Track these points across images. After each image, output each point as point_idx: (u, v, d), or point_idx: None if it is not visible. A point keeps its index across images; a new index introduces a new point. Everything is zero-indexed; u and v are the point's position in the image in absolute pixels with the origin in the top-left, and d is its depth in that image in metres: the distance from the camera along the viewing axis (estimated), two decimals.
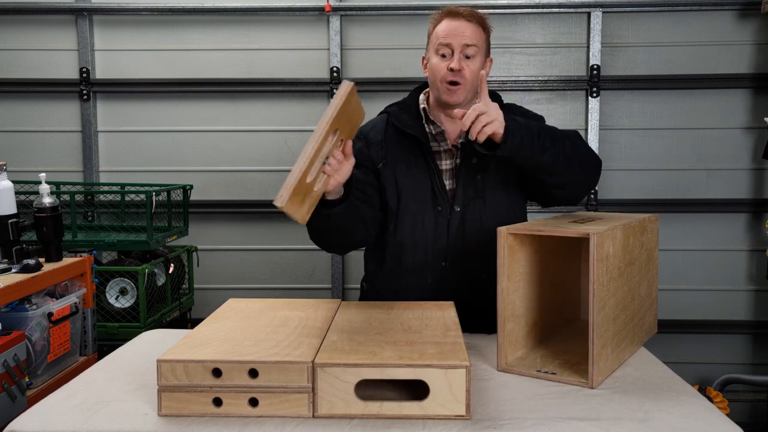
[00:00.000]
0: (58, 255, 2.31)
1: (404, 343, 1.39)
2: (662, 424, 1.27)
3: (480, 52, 1.91)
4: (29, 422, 1.30)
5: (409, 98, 2.06)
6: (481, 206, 1.93)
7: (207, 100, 3.75)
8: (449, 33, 1.87)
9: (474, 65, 1.89)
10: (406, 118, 1.98)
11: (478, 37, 1.89)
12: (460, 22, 1.88)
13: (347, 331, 1.49)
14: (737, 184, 3.64)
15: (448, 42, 1.87)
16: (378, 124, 2.05)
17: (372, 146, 1.99)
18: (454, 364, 1.26)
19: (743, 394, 3.65)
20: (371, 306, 1.74)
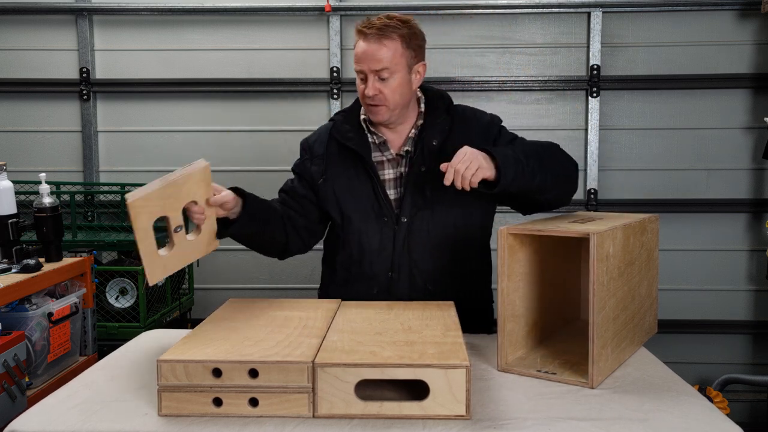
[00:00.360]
0: (58, 255, 2.31)
1: (404, 343, 1.39)
2: (662, 424, 1.27)
3: (397, 69, 1.83)
4: (29, 422, 1.30)
5: (353, 107, 2.04)
6: (429, 216, 1.90)
7: (207, 100, 3.75)
8: (360, 58, 1.83)
9: (392, 84, 1.83)
10: (347, 129, 1.97)
11: (390, 56, 1.80)
12: (369, 45, 1.81)
13: (347, 331, 1.49)
14: (737, 184, 3.64)
15: (360, 68, 1.84)
16: (322, 134, 2.04)
17: (314, 160, 2.00)
18: (454, 364, 1.26)
19: (743, 394, 3.65)
20: (371, 306, 1.74)
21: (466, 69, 3.67)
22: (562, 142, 3.71)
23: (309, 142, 2.06)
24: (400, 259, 1.91)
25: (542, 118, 3.67)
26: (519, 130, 3.70)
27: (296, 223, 1.99)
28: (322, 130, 2.06)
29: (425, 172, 1.89)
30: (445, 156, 1.76)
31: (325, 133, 2.03)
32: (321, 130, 2.07)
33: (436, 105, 1.96)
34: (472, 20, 3.64)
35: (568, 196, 1.95)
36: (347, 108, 2.06)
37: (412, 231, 1.91)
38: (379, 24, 1.82)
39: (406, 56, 1.85)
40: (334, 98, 3.66)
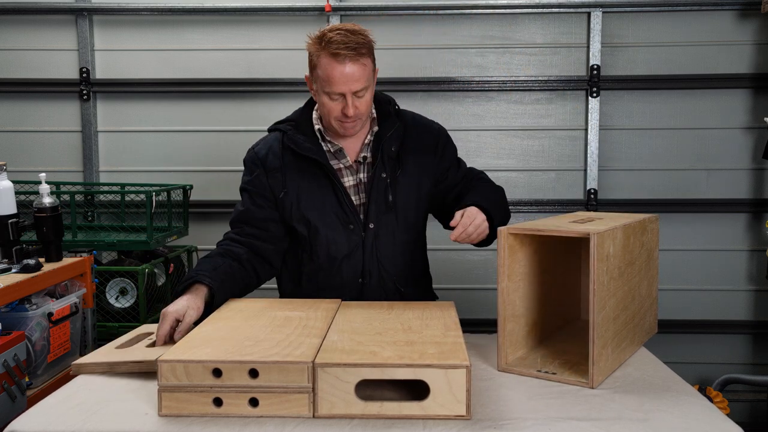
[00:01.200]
0: (58, 255, 2.31)
1: (404, 343, 1.39)
2: (662, 424, 1.27)
3: (370, 83, 1.85)
4: (29, 422, 1.30)
5: (301, 116, 2.00)
6: (394, 221, 1.94)
7: (207, 100, 3.75)
8: (338, 81, 1.78)
9: (367, 97, 1.85)
10: (302, 139, 1.93)
11: (366, 74, 1.81)
12: (346, 66, 1.77)
13: (347, 331, 1.49)
14: (737, 184, 3.64)
15: (339, 91, 1.80)
16: (273, 145, 1.99)
17: (270, 174, 1.96)
18: (454, 364, 1.26)
19: (743, 394, 3.65)
20: (371, 306, 1.74)
21: (466, 69, 3.67)
22: (562, 142, 3.77)
23: (259, 156, 1.99)
24: (370, 265, 1.94)
25: (542, 118, 3.67)
26: (519, 130, 3.75)
27: (264, 254, 1.96)
28: (270, 142, 2.01)
29: (386, 178, 1.93)
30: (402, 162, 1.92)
31: (275, 144, 1.98)
32: (269, 142, 2.01)
33: (387, 110, 1.98)
34: (472, 20, 3.64)
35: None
36: (293, 118, 2.02)
37: (379, 236, 1.94)
38: (351, 43, 1.77)
39: (373, 69, 1.87)
40: None
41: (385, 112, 1.98)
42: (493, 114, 3.68)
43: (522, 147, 3.67)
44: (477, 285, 3.62)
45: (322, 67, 1.80)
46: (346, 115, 1.83)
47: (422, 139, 1.99)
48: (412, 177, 1.95)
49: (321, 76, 1.82)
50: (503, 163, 3.67)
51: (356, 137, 1.96)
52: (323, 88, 1.83)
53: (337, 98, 1.83)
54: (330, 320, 1.57)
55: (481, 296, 3.56)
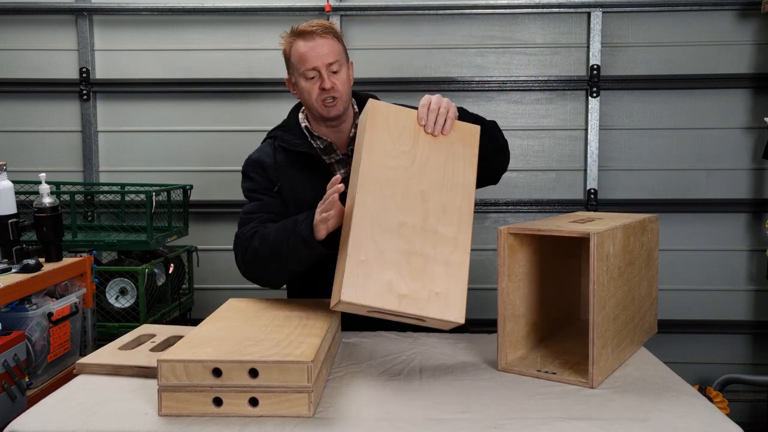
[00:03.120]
0: (58, 255, 2.31)
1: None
2: (662, 424, 1.27)
3: (343, 62, 1.94)
4: (29, 422, 1.30)
5: (289, 119, 2.08)
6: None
7: (207, 100, 3.75)
8: (311, 56, 1.88)
9: (342, 77, 1.93)
10: (291, 138, 2.00)
11: (337, 51, 1.92)
12: (316, 41, 1.89)
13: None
14: (737, 184, 3.64)
15: (313, 65, 1.89)
16: (265, 149, 2.06)
17: (267, 171, 2.01)
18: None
19: (743, 394, 3.65)
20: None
21: (466, 69, 3.67)
22: (562, 142, 3.76)
23: (253, 159, 2.05)
24: None
25: (542, 118, 3.67)
26: (519, 130, 3.74)
27: None
28: (262, 148, 2.07)
29: None
30: None
31: (267, 148, 2.05)
32: (261, 149, 2.07)
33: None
34: (472, 20, 3.64)
35: (504, 165, 2.03)
36: (280, 124, 2.09)
37: None
38: (318, 25, 1.91)
39: (343, 53, 1.97)
40: None
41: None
42: (493, 114, 3.67)
43: (522, 147, 3.67)
44: (477, 285, 3.62)
45: (295, 51, 1.91)
46: (324, 89, 1.89)
47: None
48: None
49: (295, 61, 1.92)
50: None
51: (341, 131, 2.01)
52: (299, 71, 1.92)
53: (313, 75, 1.90)
54: (330, 320, 1.57)
55: (481, 296, 3.56)
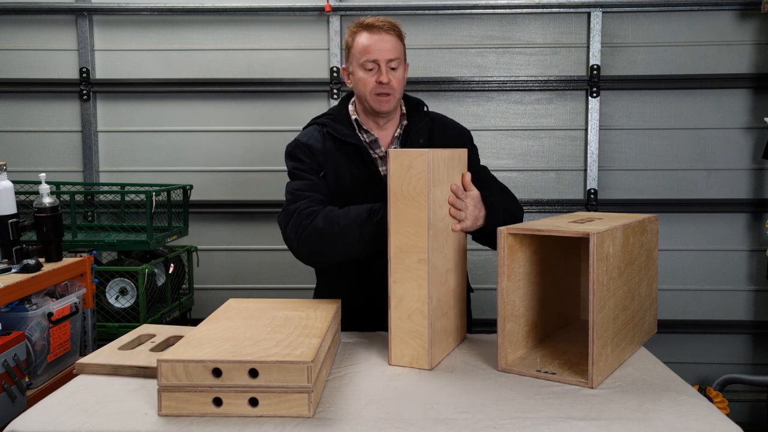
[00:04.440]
0: (58, 255, 2.31)
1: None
2: (662, 424, 1.27)
3: (401, 62, 1.98)
4: (29, 422, 1.30)
5: (339, 109, 2.10)
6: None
7: (207, 100, 3.75)
8: (373, 48, 1.93)
9: (399, 75, 1.96)
10: (341, 128, 2.02)
11: (398, 49, 1.96)
12: (382, 36, 1.93)
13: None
14: (737, 184, 3.64)
15: (374, 58, 1.93)
16: (314, 134, 2.04)
17: (315, 154, 2.00)
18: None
19: (743, 394, 3.65)
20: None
21: (466, 69, 3.67)
22: (562, 142, 3.77)
23: (302, 141, 2.03)
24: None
25: (542, 118, 3.67)
26: (519, 130, 3.75)
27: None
28: (309, 132, 2.06)
29: None
30: None
31: (315, 133, 2.04)
32: (308, 133, 2.06)
33: (417, 108, 2.09)
34: (472, 20, 3.64)
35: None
36: (331, 112, 2.10)
37: None
38: (386, 22, 1.95)
39: (404, 53, 2.00)
40: (334, 98, 3.66)
41: (415, 109, 2.08)
42: (493, 114, 3.68)
43: (522, 147, 3.67)
44: (477, 285, 3.62)
45: (358, 42, 1.95)
46: (381, 83, 1.92)
47: (448, 137, 2.07)
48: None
49: (357, 51, 1.95)
50: (503, 163, 3.67)
51: (388, 129, 2.05)
52: (359, 61, 1.95)
53: (372, 67, 1.93)
54: (330, 320, 1.57)
55: (481, 296, 3.56)
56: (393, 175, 1.56)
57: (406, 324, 1.56)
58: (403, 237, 1.55)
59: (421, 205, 1.54)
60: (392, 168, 1.55)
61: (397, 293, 1.56)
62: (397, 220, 1.56)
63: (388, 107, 1.97)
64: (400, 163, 1.55)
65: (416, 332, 1.56)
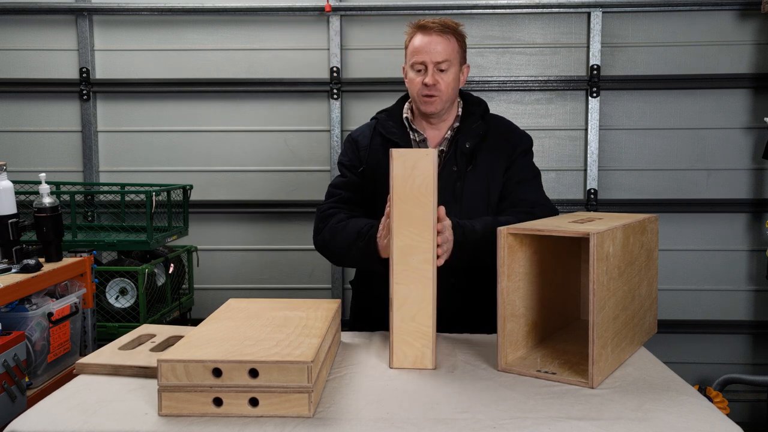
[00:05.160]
0: (58, 255, 2.31)
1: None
2: (662, 423, 1.27)
3: (454, 63, 1.97)
4: (29, 422, 1.29)
5: (395, 106, 2.14)
6: (458, 211, 1.94)
7: (207, 100, 3.75)
8: (422, 50, 1.94)
9: (448, 77, 1.96)
10: (391, 125, 2.06)
11: (450, 51, 1.95)
12: (432, 37, 1.94)
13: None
14: (737, 184, 3.64)
15: (422, 60, 1.94)
16: (365, 130, 2.14)
17: (360, 149, 2.09)
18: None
19: (743, 394, 3.65)
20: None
21: None
22: (562, 142, 3.77)
23: (353, 136, 2.15)
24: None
25: (542, 118, 3.67)
26: None
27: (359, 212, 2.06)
28: (365, 127, 2.16)
29: (456, 171, 1.99)
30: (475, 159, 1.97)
31: (368, 129, 2.13)
32: (364, 127, 2.16)
33: (473, 111, 2.07)
34: (472, 20, 3.64)
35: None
36: (389, 108, 2.15)
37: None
38: (440, 22, 1.96)
39: (459, 54, 1.99)
40: (334, 98, 3.66)
41: (470, 111, 2.07)
42: None
43: None
44: None
45: (412, 43, 1.98)
46: (426, 85, 1.93)
47: (502, 142, 2.04)
48: (481, 174, 2.00)
49: (409, 52, 1.99)
50: None
51: (439, 128, 2.06)
52: (409, 62, 1.98)
53: (420, 69, 1.95)
54: (330, 320, 1.57)
55: None
56: (396, 176, 1.56)
57: (410, 325, 1.56)
58: (406, 238, 1.55)
59: (426, 205, 1.54)
60: (395, 168, 1.55)
61: (399, 295, 1.56)
62: (400, 221, 1.56)
63: (434, 109, 1.98)
64: (403, 164, 1.55)
65: (420, 332, 1.56)
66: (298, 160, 3.75)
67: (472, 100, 2.10)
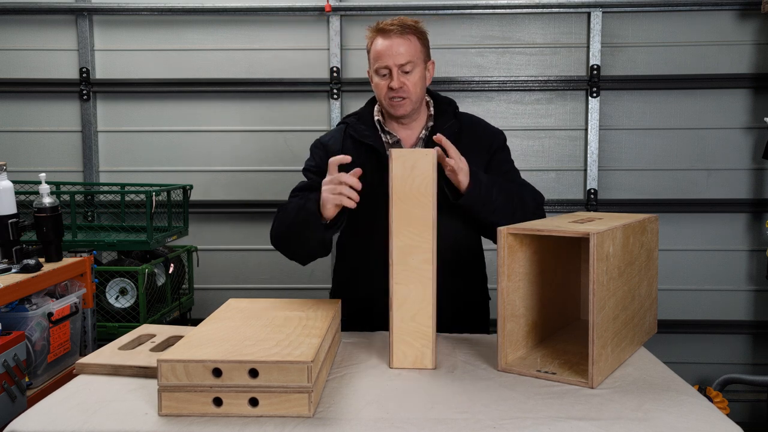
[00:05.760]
0: (58, 255, 2.31)
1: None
2: (662, 423, 1.27)
3: (418, 63, 1.95)
4: (29, 422, 1.29)
5: (364, 109, 2.11)
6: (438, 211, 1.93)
7: (207, 100, 3.75)
8: (384, 54, 1.92)
9: (414, 78, 1.94)
10: (363, 128, 2.03)
11: (412, 51, 1.93)
12: (393, 40, 1.91)
13: None
14: (737, 184, 3.64)
15: (385, 64, 1.92)
16: (335, 134, 2.10)
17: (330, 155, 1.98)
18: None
19: (743, 394, 3.65)
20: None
21: (466, 69, 3.67)
22: (562, 142, 3.77)
23: (323, 142, 2.10)
24: None
25: (542, 118, 3.67)
26: (519, 130, 3.75)
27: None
28: (334, 132, 2.12)
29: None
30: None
31: (338, 134, 2.09)
32: (333, 132, 2.12)
33: (444, 109, 2.05)
34: (472, 20, 3.65)
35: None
36: (358, 111, 2.12)
37: None
38: (398, 23, 1.93)
39: (422, 52, 1.97)
40: (334, 98, 3.66)
41: (442, 110, 2.05)
42: (493, 114, 3.68)
43: (522, 147, 3.67)
44: None
45: (373, 47, 1.95)
46: (392, 89, 1.91)
47: (477, 140, 2.04)
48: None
49: (371, 56, 1.96)
50: None
51: (412, 129, 2.03)
52: (373, 67, 1.96)
53: (385, 73, 1.93)
54: (330, 320, 1.57)
55: None
56: (395, 176, 1.56)
57: (410, 325, 1.56)
58: (405, 238, 1.55)
59: (426, 205, 1.54)
60: (394, 168, 1.55)
61: (399, 295, 1.56)
62: (399, 222, 1.56)
63: (404, 111, 1.96)
64: (403, 164, 1.55)
65: (420, 332, 1.56)
66: (298, 160, 3.73)
67: (442, 99, 2.09)
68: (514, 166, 2.10)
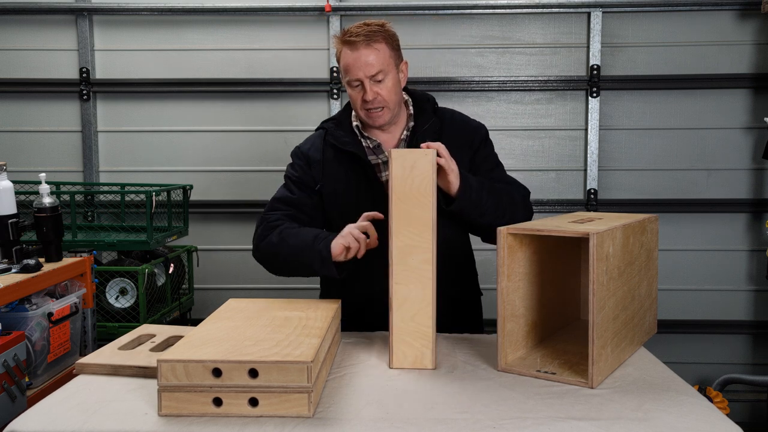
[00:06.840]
0: (58, 255, 2.31)
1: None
2: (662, 423, 1.27)
3: (389, 69, 1.89)
4: (29, 422, 1.29)
5: (342, 114, 2.07)
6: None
7: (207, 100, 3.75)
8: (353, 66, 1.86)
9: (387, 85, 1.89)
10: (341, 135, 1.99)
11: (381, 59, 1.87)
12: (360, 51, 1.85)
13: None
14: (737, 184, 3.64)
15: (356, 76, 1.87)
16: (315, 142, 2.05)
17: (312, 165, 2.01)
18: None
19: (743, 394, 3.65)
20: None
21: (466, 69, 3.67)
22: (562, 142, 3.77)
23: (302, 150, 2.05)
24: None
25: (542, 118, 3.67)
26: (519, 130, 3.75)
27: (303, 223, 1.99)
28: (313, 139, 2.07)
29: None
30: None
31: (318, 140, 2.04)
32: (313, 139, 2.07)
33: (424, 107, 2.02)
34: (472, 20, 3.65)
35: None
36: (335, 116, 2.09)
37: None
38: (364, 31, 1.86)
39: (393, 56, 1.92)
40: (334, 98, 3.66)
41: (422, 108, 2.02)
42: (493, 114, 3.68)
43: (522, 147, 3.68)
44: None
45: (341, 59, 1.90)
46: (366, 101, 1.88)
47: (459, 136, 2.00)
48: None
49: (341, 68, 1.91)
50: (503, 163, 3.66)
51: (392, 132, 2.00)
52: (345, 79, 1.91)
53: (357, 85, 1.89)
54: (330, 320, 1.57)
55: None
56: (395, 176, 1.55)
57: (409, 325, 1.56)
58: (405, 238, 1.55)
59: (425, 205, 1.54)
60: (394, 168, 1.55)
61: (399, 295, 1.56)
62: (398, 222, 1.56)
63: (383, 121, 1.93)
64: (402, 164, 1.55)
65: (420, 333, 1.56)
66: None
67: (420, 97, 2.05)
68: (499, 161, 2.08)
